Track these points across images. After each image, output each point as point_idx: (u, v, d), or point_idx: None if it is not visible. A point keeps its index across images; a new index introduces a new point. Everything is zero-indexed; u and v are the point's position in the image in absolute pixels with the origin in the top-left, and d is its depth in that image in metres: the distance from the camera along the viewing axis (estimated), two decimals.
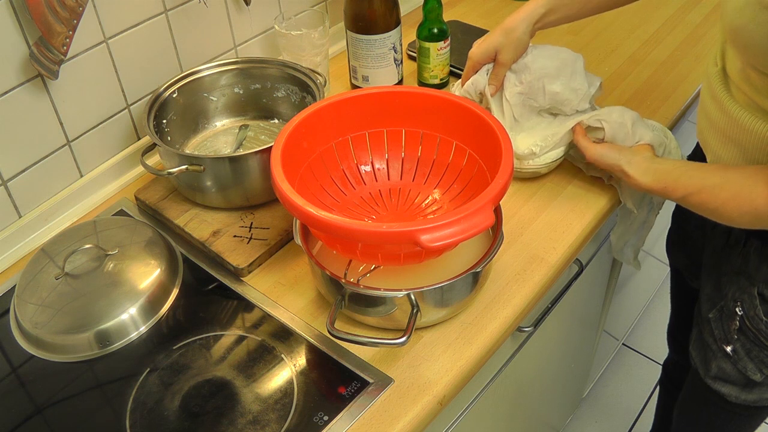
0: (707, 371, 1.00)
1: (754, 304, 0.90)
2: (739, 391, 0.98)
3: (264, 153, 0.96)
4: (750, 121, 0.81)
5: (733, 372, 0.97)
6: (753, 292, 0.90)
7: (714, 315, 0.97)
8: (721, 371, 0.98)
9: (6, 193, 0.99)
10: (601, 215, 1.02)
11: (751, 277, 0.91)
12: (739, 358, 0.95)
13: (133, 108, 1.11)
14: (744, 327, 0.92)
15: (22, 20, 0.91)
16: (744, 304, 0.92)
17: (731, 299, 0.93)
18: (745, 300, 0.91)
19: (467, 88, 1.05)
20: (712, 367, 0.99)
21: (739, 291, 0.92)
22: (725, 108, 0.84)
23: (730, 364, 0.96)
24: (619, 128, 0.96)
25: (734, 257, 0.93)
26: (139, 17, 1.06)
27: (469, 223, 0.73)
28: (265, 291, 0.94)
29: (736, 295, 0.93)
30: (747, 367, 0.94)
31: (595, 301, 1.47)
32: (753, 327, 0.91)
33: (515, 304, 0.90)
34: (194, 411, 0.80)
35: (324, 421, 0.78)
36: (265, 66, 1.13)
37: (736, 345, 0.94)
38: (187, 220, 1.01)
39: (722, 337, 0.96)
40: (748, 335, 0.93)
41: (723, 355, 0.96)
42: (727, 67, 0.85)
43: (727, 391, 0.99)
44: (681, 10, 1.46)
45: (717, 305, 0.96)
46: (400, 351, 0.85)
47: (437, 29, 1.21)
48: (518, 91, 1.03)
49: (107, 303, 0.89)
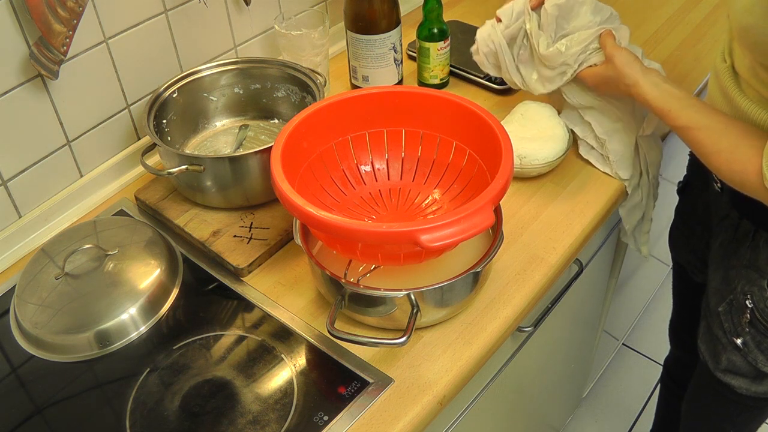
0: (717, 364, 1.00)
1: (765, 297, 0.91)
2: (750, 383, 0.98)
3: (264, 153, 0.96)
4: (761, 116, 0.81)
5: (743, 364, 0.97)
6: (763, 284, 0.91)
7: (723, 308, 0.97)
8: (731, 364, 0.98)
9: (6, 193, 0.99)
10: (601, 215, 1.02)
11: (760, 269, 0.91)
12: (750, 350, 0.95)
13: (133, 108, 1.11)
14: (754, 319, 0.93)
15: (22, 20, 0.91)
16: (754, 296, 0.92)
17: (741, 292, 0.94)
18: (755, 293, 0.92)
19: (503, 10, 1.05)
20: (722, 360, 0.99)
21: (748, 284, 0.93)
22: (736, 103, 0.84)
23: (740, 357, 0.97)
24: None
25: (743, 250, 0.93)
26: (139, 17, 1.06)
27: (469, 223, 0.73)
28: (265, 291, 0.94)
29: (745, 288, 0.93)
30: (758, 359, 0.95)
31: (595, 301, 1.47)
32: (763, 319, 0.92)
33: (515, 304, 0.90)
34: (194, 411, 0.80)
35: (324, 421, 0.78)
36: (265, 66, 1.13)
37: (746, 337, 0.95)
38: (187, 220, 1.01)
39: (732, 330, 0.96)
40: (758, 327, 0.93)
41: (733, 348, 0.97)
42: (735, 64, 0.85)
43: (738, 383, 0.99)
44: (681, 10, 1.46)
45: (726, 298, 0.96)
46: (400, 351, 0.85)
47: (437, 29, 1.21)
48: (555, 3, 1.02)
49: (107, 303, 0.89)
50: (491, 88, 1.26)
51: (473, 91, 1.27)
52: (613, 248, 1.39)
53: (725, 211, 0.97)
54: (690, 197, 1.14)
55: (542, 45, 1.00)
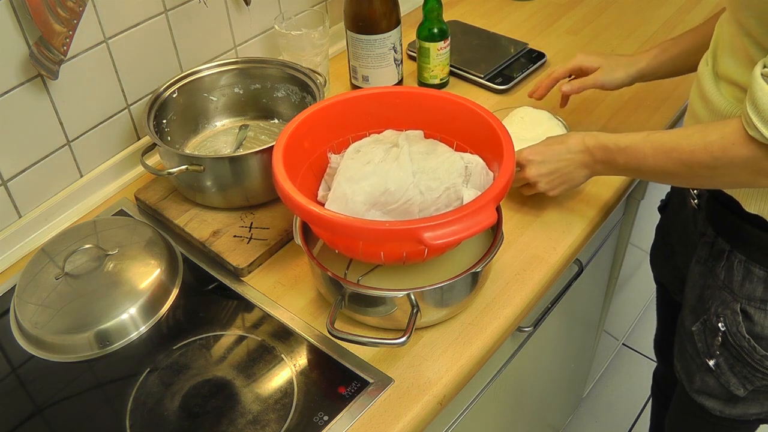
0: (691, 384, 0.99)
1: (737, 321, 0.89)
2: (723, 405, 0.96)
3: (264, 153, 0.96)
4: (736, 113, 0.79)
5: (716, 386, 0.95)
6: (736, 308, 0.88)
7: (697, 328, 0.95)
8: (704, 384, 0.97)
9: (6, 193, 0.99)
10: (601, 215, 1.02)
11: (734, 292, 0.89)
12: (722, 372, 0.93)
13: (133, 108, 1.11)
14: (727, 342, 0.91)
15: (22, 20, 0.91)
16: (726, 320, 0.90)
17: (714, 314, 0.92)
18: (728, 315, 0.90)
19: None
20: (696, 380, 0.97)
21: (722, 306, 0.90)
22: (713, 106, 0.82)
23: (713, 378, 0.95)
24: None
25: (718, 270, 0.91)
26: (139, 17, 1.06)
27: (471, 221, 0.73)
28: (265, 291, 0.94)
29: (718, 310, 0.91)
30: (730, 382, 0.93)
31: (595, 301, 1.47)
32: (736, 343, 0.90)
33: (515, 304, 0.90)
34: (194, 411, 0.80)
35: (324, 421, 0.78)
36: (265, 66, 1.13)
37: (719, 359, 0.93)
38: (187, 220, 1.01)
39: (705, 350, 0.94)
40: (731, 351, 0.91)
41: (706, 369, 0.95)
42: (716, 68, 0.84)
43: (711, 404, 0.97)
44: (681, 10, 1.46)
45: (700, 318, 0.95)
46: (400, 351, 0.85)
47: (437, 29, 1.21)
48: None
49: (107, 303, 0.89)
50: (491, 88, 1.26)
51: (473, 91, 1.28)
52: (613, 248, 1.39)
53: (702, 229, 0.94)
54: (669, 215, 1.12)
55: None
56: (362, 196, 0.83)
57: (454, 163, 0.85)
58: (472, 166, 0.86)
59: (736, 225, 0.87)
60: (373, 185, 0.83)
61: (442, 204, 0.83)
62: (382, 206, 0.83)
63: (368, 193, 0.83)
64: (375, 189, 0.83)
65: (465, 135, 0.92)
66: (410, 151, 0.87)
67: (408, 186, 0.82)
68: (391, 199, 0.82)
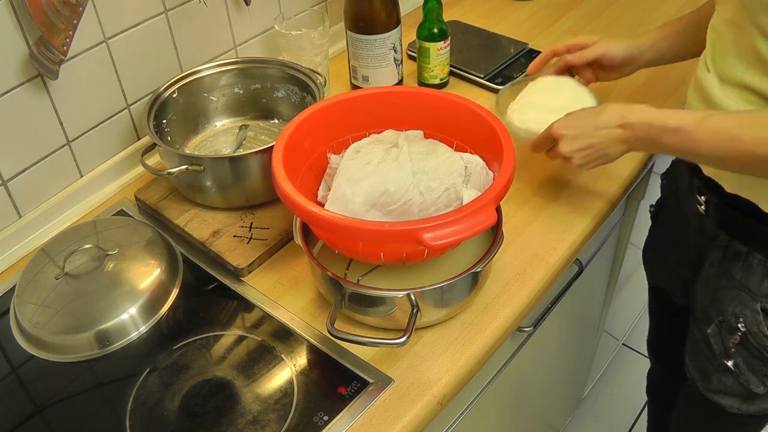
0: (707, 384, 0.98)
1: (758, 320, 0.88)
2: (741, 402, 0.96)
3: (264, 153, 0.96)
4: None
5: (734, 385, 0.95)
6: (756, 307, 0.88)
7: (713, 330, 0.94)
8: (722, 384, 0.96)
9: (6, 193, 0.99)
10: (601, 215, 1.02)
11: (752, 291, 0.88)
12: (741, 372, 0.93)
13: (133, 108, 1.11)
14: (746, 342, 0.91)
15: (22, 20, 0.91)
16: (746, 319, 0.89)
17: (731, 314, 0.91)
18: (747, 315, 0.89)
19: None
20: (713, 380, 0.97)
21: (740, 306, 0.90)
22: (718, 107, 0.82)
23: (731, 378, 0.95)
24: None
25: (734, 271, 0.90)
26: (139, 17, 1.06)
27: (471, 221, 0.73)
28: (265, 291, 0.94)
29: (736, 310, 0.90)
30: (749, 381, 0.93)
31: (595, 301, 1.47)
32: (756, 343, 0.90)
33: (515, 304, 0.90)
34: (194, 411, 0.80)
35: (324, 421, 0.78)
36: (265, 66, 1.13)
37: (738, 359, 0.93)
38: (187, 220, 1.01)
39: (722, 351, 0.94)
40: (750, 350, 0.91)
41: (724, 370, 0.95)
42: (720, 71, 0.83)
43: (728, 403, 0.97)
44: (681, 10, 1.46)
45: (715, 320, 0.94)
46: (400, 351, 0.85)
47: (437, 29, 1.21)
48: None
49: (107, 303, 0.89)
50: (491, 88, 1.26)
51: (473, 91, 1.28)
52: (613, 248, 1.39)
53: (711, 233, 0.93)
54: (665, 220, 1.11)
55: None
56: (362, 196, 0.83)
57: (454, 164, 0.86)
58: (472, 166, 0.86)
59: (751, 227, 0.86)
60: (373, 185, 0.83)
61: (442, 204, 0.83)
62: (382, 207, 0.83)
63: (368, 193, 0.83)
64: (375, 189, 0.83)
65: (465, 135, 0.92)
66: (410, 151, 0.87)
67: (408, 186, 0.83)
68: (391, 200, 0.83)
